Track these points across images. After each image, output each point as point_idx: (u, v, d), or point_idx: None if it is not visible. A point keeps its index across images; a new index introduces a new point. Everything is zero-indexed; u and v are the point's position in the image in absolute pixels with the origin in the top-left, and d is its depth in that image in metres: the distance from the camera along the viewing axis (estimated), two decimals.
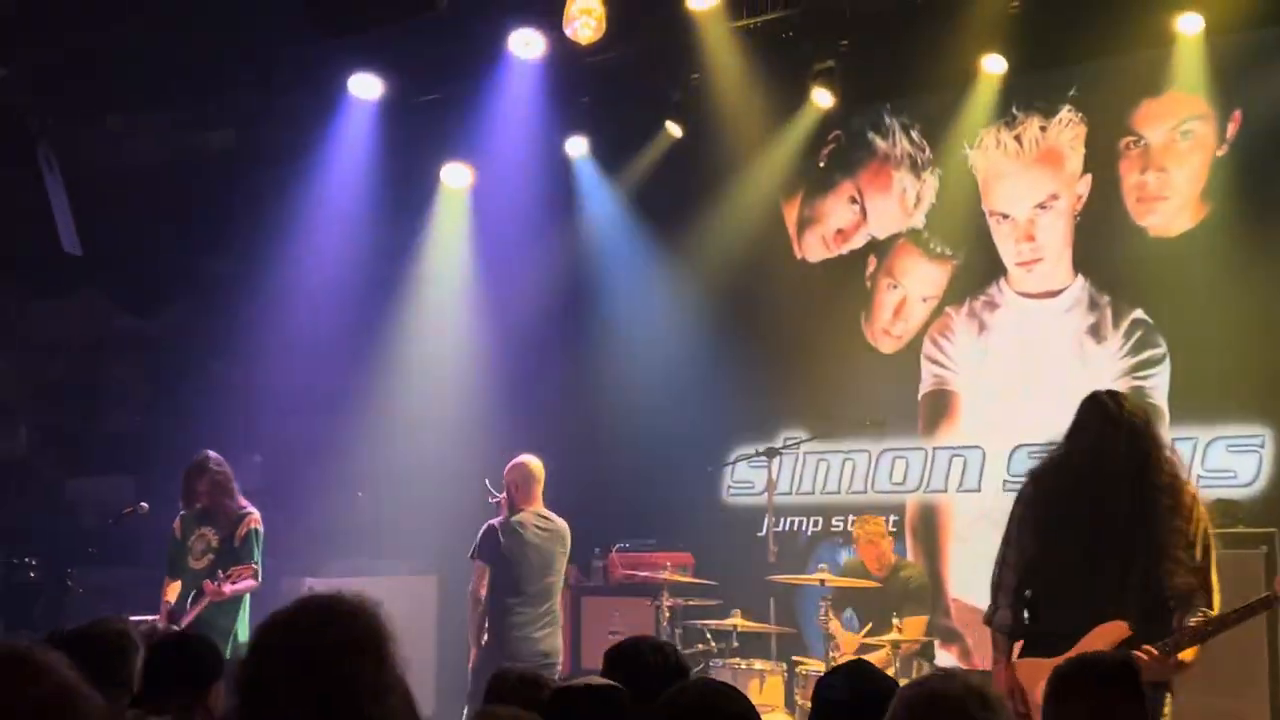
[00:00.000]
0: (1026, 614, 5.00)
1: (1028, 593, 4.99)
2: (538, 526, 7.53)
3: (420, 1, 7.14)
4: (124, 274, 10.63)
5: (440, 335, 10.34)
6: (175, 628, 6.76)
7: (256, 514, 7.67)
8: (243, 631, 7.40)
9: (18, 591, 9.55)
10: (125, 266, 10.54)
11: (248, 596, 7.53)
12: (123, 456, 11.06)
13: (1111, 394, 5.03)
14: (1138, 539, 4.78)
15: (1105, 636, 4.72)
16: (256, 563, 7.52)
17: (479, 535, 7.53)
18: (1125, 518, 4.80)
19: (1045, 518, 4.99)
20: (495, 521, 7.55)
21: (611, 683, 3.40)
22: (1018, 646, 4.99)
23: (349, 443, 9.91)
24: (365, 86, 9.44)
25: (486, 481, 7.77)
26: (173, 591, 7.58)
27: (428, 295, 10.33)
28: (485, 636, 7.39)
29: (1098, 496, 4.86)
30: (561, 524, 7.61)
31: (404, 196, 10.20)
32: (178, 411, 10.26)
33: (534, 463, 7.63)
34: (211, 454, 7.70)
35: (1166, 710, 4.78)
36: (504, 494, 7.60)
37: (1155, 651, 4.62)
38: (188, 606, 7.37)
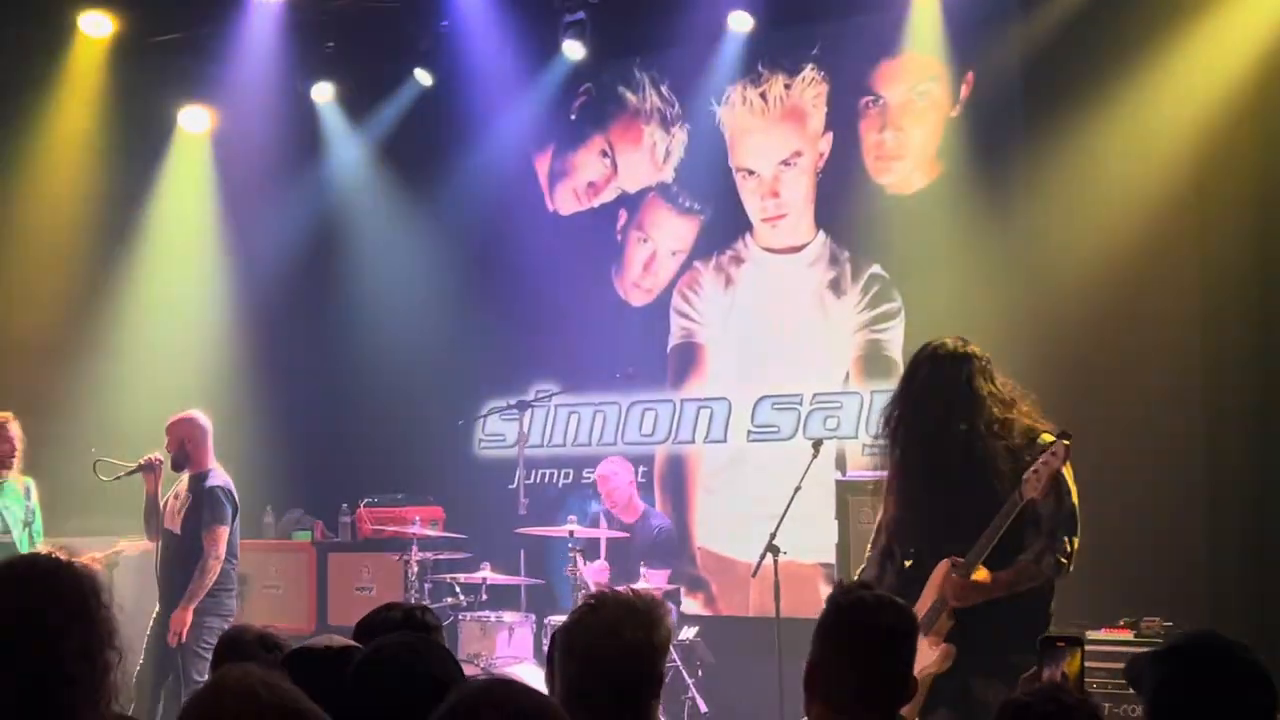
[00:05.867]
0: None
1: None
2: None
3: None
4: None
5: (180, 284, 9.98)
6: None
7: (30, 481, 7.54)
8: None
9: None
10: None
11: None
12: None
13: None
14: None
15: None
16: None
17: (221, 496, 7.54)
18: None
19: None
20: (220, 483, 7.60)
21: (351, 642, 3.34)
22: None
23: (82, 397, 9.47)
24: (96, 24, 9.01)
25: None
26: None
27: (165, 243, 9.92)
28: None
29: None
30: None
31: (139, 140, 9.76)
32: None
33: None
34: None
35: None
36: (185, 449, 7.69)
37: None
38: None
